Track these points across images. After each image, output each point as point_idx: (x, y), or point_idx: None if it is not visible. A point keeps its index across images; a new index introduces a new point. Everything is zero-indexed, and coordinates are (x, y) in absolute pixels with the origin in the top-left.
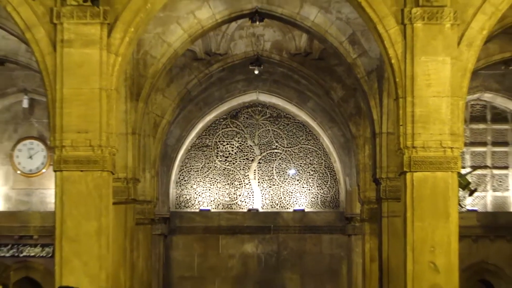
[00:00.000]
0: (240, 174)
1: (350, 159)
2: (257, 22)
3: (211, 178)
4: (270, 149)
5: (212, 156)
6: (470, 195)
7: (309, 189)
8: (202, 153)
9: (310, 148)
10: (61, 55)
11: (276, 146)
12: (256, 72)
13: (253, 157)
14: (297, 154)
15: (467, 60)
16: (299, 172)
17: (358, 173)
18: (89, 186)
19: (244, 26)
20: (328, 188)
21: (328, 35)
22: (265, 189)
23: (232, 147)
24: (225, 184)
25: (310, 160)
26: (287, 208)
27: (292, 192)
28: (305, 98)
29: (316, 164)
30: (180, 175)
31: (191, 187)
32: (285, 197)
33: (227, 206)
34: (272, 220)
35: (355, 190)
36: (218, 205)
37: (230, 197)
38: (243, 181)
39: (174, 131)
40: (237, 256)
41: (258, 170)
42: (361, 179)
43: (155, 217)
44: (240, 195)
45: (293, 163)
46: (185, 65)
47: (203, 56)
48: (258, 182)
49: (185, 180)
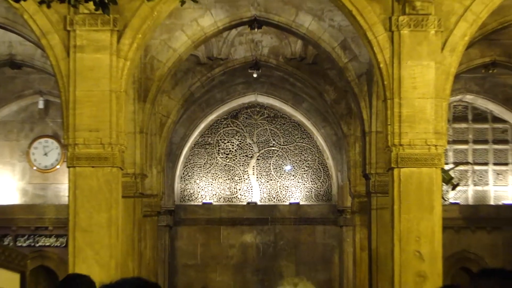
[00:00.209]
0: (240, 170)
1: (341, 156)
2: (256, 29)
3: (213, 174)
4: (268, 147)
5: (214, 153)
6: (453, 189)
7: (304, 184)
8: (205, 151)
9: (304, 146)
10: (74, 60)
11: (273, 144)
12: (255, 75)
13: (252, 154)
14: (293, 151)
15: (450, 64)
16: (294, 168)
17: (349, 169)
18: (100, 181)
19: (243, 33)
20: (321, 182)
21: (321, 41)
22: (263, 184)
23: (233, 145)
24: (226, 179)
25: (305, 157)
26: (284, 201)
27: (288, 187)
28: (300, 100)
29: (310, 161)
30: (184, 170)
31: (194, 182)
32: (281, 191)
33: (228, 200)
34: (269, 212)
35: (346, 184)
36: (220, 198)
37: (230, 191)
38: (243, 176)
39: (179, 130)
40: (237, 246)
41: (257, 166)
42: (352, 175)
43: (161, 209)
44: (240, 189)
45: (289, 159)
46: (189, 69)
47: (206, 61)
48: (257, 177)
49: (189, 176)
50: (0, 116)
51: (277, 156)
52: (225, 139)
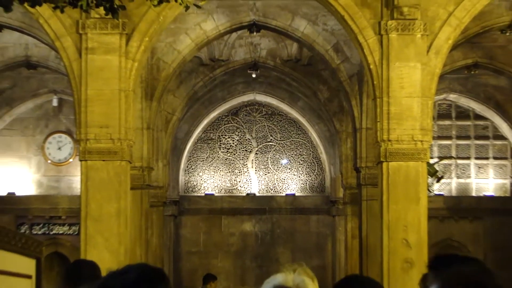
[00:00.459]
0: (240, 163)
1: (334, 151)
2: (255, 33)
3: (215, 167)
4: (266, 142)
5: (216, 148)
6: (438, 181)
7: (299, 176)
8: (207, 145)
9: (300, 141)
10: (85, 61)
11: (271, 139)
12: (254, 75)
13: (251, 149)
14: (289, 146)
15: (435, 65)
16: (290, 162)
17: (341, 162)
18: (110, 173)
19: (243, 36)
20: (315, 175)
21: (315, 44)
22: (261, 176)
23: (233, 140)
24: (227, 172)
25: (300, 151)
26: (280, 192)
27: (284, 179)
28: (295, 98)
29: (305, 155)
30: (188, 164)
31: (197, 174)
32: (278, 183)
33: (229, 191)
34: (267, 203)
35: (339, 177)
36: (221, 190)
37: (231, 183)
38: (242, 169)
39: (183, 126)
40: (237, 234)
41: (255, 160)
42: (344, 168)
43: (167, 200)
44: (239, 181)
45: (285, 154)
46: (192, 69)
47: (208, 62)
48: (255, 170)
49: (192, 168)
50: (17, 113)
51: (274, 150)
52: (226, 135)
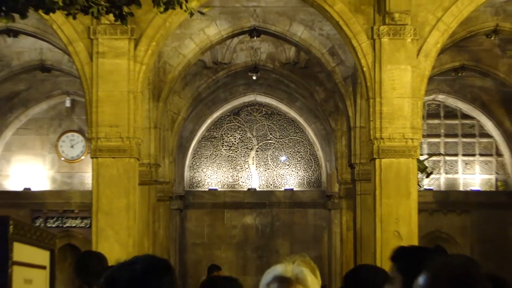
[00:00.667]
0: (241, 160)
1: (330, 148)
2: (255, 38)
3: (218, 163)
4: (266, 140)
5: (219, 146)
6: (427, 177)
7: (297, 172)
8: (211, 143)
9: (297, 139)
10: (96, 64)
11: (270, 137)
12: (254, 78)
13: (252, 146)
14: (287, 144)
15: (424, 68)
16: (289, 159)
17: (336, 159)
18: (120, 170)
19: (244, 41)
20: (312, 171)
21: (312, 48)
22: (262, 172)
23: (235, 138)
24: (229, 168)
25: (298, 149)
26: (279, 187)
27: (283, 175)
28: (293, 99)
29: (303, 152)
30: (193, 161)
31: (201, 170)
32: (277, 179)
33: (231, 186)
34: (267, 197)
35: (334, 173)
36: (224, 185)
37: (233, 179)
38: (244, 165)
39: (188, 126)
40: (239, 227)
41: (256, 157)
42: (339, 164)
43: (173, 195)
44: (241, 177)
45: (284, 151)
46: (196, 72)
47: (211, 65)
48: (256, 166)
49: (196, 165)
50: (32, 114)
51: (273, 148)
52: (228, 133)
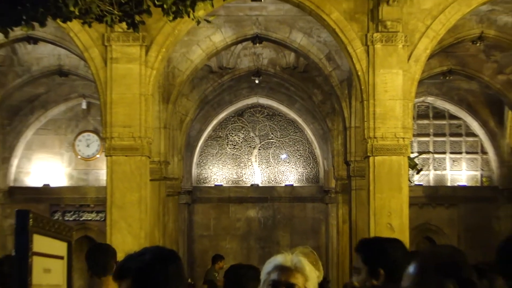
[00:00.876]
0: (245, 157)
1: (327, 147)
2: (257, 44)
3: (223, 161)
4: (267, 139)
5: (224, 145)
6: (417, 173)
7: (297, 169)
8: (216, 142)
9: (297, 138)
10: (110, 69)
11: (272, 137)
12: (257, 81)
13: (255, 145)
14: (288, 143)
15: (415, 72)
16: (289, 156)
17: (333, 157)
18: (132, 167)
19: (247, 47)
20: (310, 168)
21: (310, 54)
22: (264, 169)
23: (239, 138)
24: (234, 165)
25: (297, 147)
26: (280, 183)
27: (283, 171)
28: (293, 101)
29: (302, 150)
30: (200, 158)
31: (208, 167)
32: (278, 175)
33: (235, 182)
34: (269, 192)
35: (331, 169)
36: (228, 181)
37: (237, 175)
38: (247, 163)
39: (195, 126)
40: (243, 219)
41: (258, 155)
42: (336, 162)
43: (181, 190)
44: (245, 174)
45: (285, 149)
46: (203, 76)
47: (217, 70)
48: (258, 164)
49: (203, 162)
50: (51, 115)
51: (275, 146)
52: (232, 133)
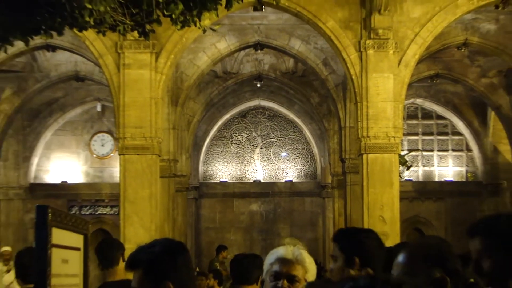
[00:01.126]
0: (248, 156)
1: (324, 145)
2: (259, 51)
3: (228, 159)
4: (268, 139)
5: (228, 144)
6: (407, 169)
7: (296, 166)
8: (221, 141)
9: (296, 137)
10: (123, 75)
11: (273, 136)
12: (258, 85)
13: (257, 144)
14: (287, 142)
15: (404, 76)
16: (288, 154)
17: (329, 155)
18: (143, 165)
19: (249, 53)
20: (308, 165)
21: (308, 59)
22: (265, 166)
23: (242, 137)
24: (237, 163)
25: (296, 146)
26: (281, 179)
27: (284, 168)
28: (292, 103)
29: (300, 149)
30: (206, 156)
31: (213, 165)
32: (279, 172)
33: (239, 178)
34: (270, 188)
35: (328, 166)
36: (233, 177)
37: (241, 172)
38: (250, 160)
39: (202, 126)
40: (246, 213)
41: (260, 153)
42: (332, 159)
43: (189, 186)
44: (247, 171)
45: (285, 148)
46: (209, 81)
47: (222, 75)
48: (260, 161)
49: (209, 160)
50: (69, 117)
51: (275, 145)
52: (236, 133)
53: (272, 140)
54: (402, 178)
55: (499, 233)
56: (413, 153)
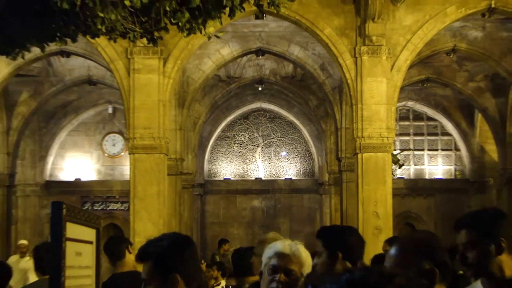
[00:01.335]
0: (250, 155)
1: (321, 145)
2: (260, 56)
3: (231, 158)
4: (269, 139)
5: (231, 144)
6: (399, 168)
7: (295, 165)
8: (225, 142)
9: (295, 138)
10: (133, 79)
11: (273, 137)
12: (260, 89)
13: (258, 144)
14: (287, 142)
15: (397, 80)
16: (288, 154)
17: (326, 154)
18: (152, 163)
19: (251, 59)
20: (307, 164)
21: (306, 64)
22: (266, 165)
23: (244, 138)
24: (240, 162)
25: (295, 146)
26: (281, 177)
27: (283, 167)
28: (292, 106)
29: (299, 148)
30: (211, 156)
31: (218, 163)
32: (279, 170)
33: (241, 176)
34: (271, 185)
35: (325, 165)
36: (236, 175)
37: (243, 170)
38: (252, 159)
39: (207, 127)
40: (248, 209)
41: (261, 152)
42: (329, 158)
43: (195, 183)
44: (249, 169)
45: (284, 147)
46: (213, 84)
47: (225, 79)
48: (261, 160)
49: (214, 159)
50: (82, 119)
51: (276, 145)
52: (239, 134)
53: (273, 140)
54: (394, 176)
55: (483, 226)
56: (405, 153)
